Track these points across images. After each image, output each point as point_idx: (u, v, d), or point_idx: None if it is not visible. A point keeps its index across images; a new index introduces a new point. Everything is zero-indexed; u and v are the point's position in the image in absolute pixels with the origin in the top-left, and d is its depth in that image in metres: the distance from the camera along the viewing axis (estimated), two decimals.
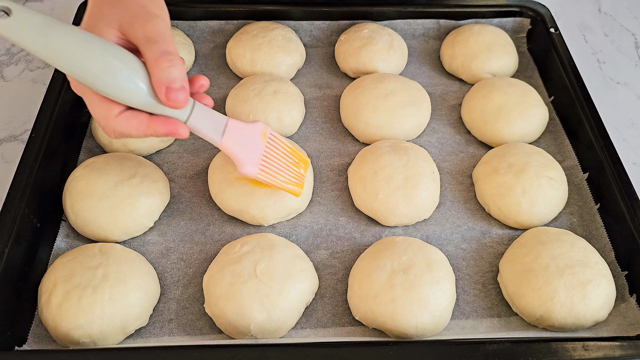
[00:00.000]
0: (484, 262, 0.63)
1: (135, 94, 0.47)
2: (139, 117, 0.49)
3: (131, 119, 0.49)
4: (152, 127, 0.50)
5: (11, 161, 0.73)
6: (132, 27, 0.48)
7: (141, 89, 0.47)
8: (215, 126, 0.53)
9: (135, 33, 0.48)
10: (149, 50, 0.47)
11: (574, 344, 0.51)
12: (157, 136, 0.51)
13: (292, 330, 0.57)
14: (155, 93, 0.48)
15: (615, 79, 0.89)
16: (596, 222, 0.65)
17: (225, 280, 0.55)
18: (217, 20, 0.85)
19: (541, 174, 0.65)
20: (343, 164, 0.71)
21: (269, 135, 0.57)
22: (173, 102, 0.48)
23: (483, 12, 0.87)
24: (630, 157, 0.77)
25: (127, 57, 0.47)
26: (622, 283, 0.60)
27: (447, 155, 0.73)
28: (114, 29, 0.49)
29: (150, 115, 0.50)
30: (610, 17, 1.01)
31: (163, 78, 0.47)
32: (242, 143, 0.54)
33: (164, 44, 0.48)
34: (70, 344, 0.53)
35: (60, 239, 0.63)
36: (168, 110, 0.49)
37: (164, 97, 0.47)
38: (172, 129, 0.50)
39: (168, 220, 0.65)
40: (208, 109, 0.53)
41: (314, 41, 0.87)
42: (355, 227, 0.65)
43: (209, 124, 0.52)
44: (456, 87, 0.83)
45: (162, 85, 0.47)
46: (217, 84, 0.81)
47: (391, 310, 0.54)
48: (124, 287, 0.54)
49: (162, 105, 0.49)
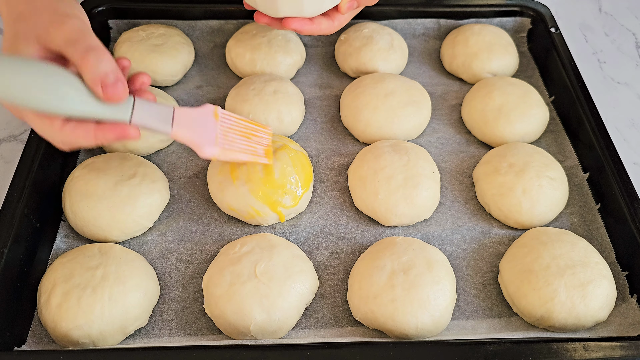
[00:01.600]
0: (484, 263, 0.63)
1: (70, 103, 0.46)
2: (84, 126, 0.48)
3: (76, 129, 0.48)
4: (99, 135, 0.49)
5: (10, 161, 0.73)
6: (49, 35, 0.47)
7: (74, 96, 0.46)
8: (163, 117, 0.51)
9: (54, 40, 0.47)
10: (72, 51, 0.46)
11: (575, 344, 0.50)
12: (108, 142, 0.50)
13: (292, 330, 0.57)
14: (92, 92, 0.46)
15: (615, 78, 0.89)
16: (597, 222, 0.65)
17: (225, 281, 0.55)
18: (216, 20, 0.85)
19: (542, 174, 0.65)
20: (343, 164, 0.71)
21: (221, 114, 0.56)
22: (112, 96, 0.46)
23: (483, 12, 0.87)
24: (630, 157, 0.77)
25: (54, 69, 0.46)
26: (623, 283, 0.60)
27: (448, 155, 0.73)
28: (33, 44, 0.47)
29: (97, 122, 0.49)
30: (610, 16, 1.01)
31: (95, 75, 0.45)
32: (195, 128, 0.53)
33: (85, 41, 0.47)
34: (70, 344, 0.53)
35: (60, 239, 0.62)
36: (109, 113, 0.48)
37: (101, 94, 0.46)
38: (121, 133, 0.49)
39: (167, 220, 0.65)
40: (151, 103, 0.51)
41: (314, 41, 0.87)
42: (355, 227, 0.65)
43: (155, 117, 0.51)
44: (456, 86, 0.82)
45: (97, 82, 0.46)
46: (217, 84, 0.81)
47: (391, 310, 0.54)
48: (123, 288, 0.54)
49: (103, 110, 0.47)
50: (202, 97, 0.79)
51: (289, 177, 0.62)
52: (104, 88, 0.46)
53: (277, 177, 0.62)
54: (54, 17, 0.48)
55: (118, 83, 0.46)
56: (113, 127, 0.49)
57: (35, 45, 0.48)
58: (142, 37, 0.79)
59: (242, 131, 0.58)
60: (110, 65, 0.47)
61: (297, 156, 0.65)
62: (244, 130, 0.58)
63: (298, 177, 0.63)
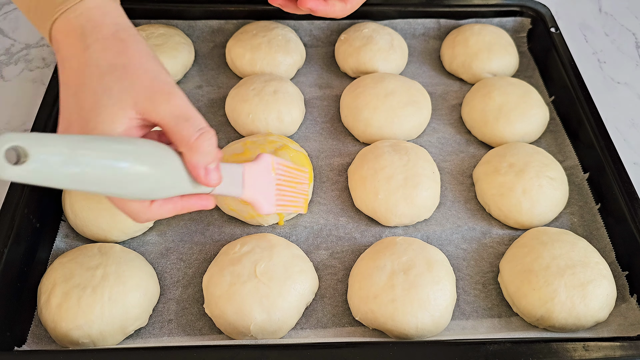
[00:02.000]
0: (484, 263, 0.63)
1: (174, 190, 0.45)
2: (172, 201, 0.46)
3: (164, 205, 0.46)
4: (185, 207, 0.47)
5: None
6: (154, 104, 0.42)
7: (178, 184, 0.44)
8: (234, 180, 0.51)
9: (159, 111, 0.42)
10: (182, 129, 0.42)
11: (575, 344, 0.50)
12: (189, 211, 0.48)
13: (292, 330, 0.57)
14: (191, 174, 0.44)
15: (615, 78, 0.89)
16: (597, 222, 0.65)
17: (225, 281, 0.55)
18: (216, 20, 0.85)
19: (542, 174, 0.65)
20: (343, 164, 0.71)
21: (277, 166, 0.56)
22: (210, 182, 0.45)
23: (483, 12, 0.87)
24: (631, 157, 0.77)
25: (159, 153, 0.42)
26: (623, 283, 0.60)
27: (448, 155, 0.73)
28: (129, 110, 0.42)
29: (181, 196, 0.47)
30: (610, 16, 1.01)
31: (202, 160, 0.43)
32: (259, 186, 0.53)
33: (197, 121, 0.43)
34: (70, 344, 0.53)
35: (60, 239, 0.62)
36: (197, 189, 0.46)
37: (203, 180, 0.44)
38: (205, 204, 0.48)
39: (168, 220, 0.65)
40: (225, 167, 0.49)
41: (314, 41, 0.87)
42: (355, 227, 0.65)
43: (229, 182, 0.50)
44: (456, 86, 0.82)
45: (201, 167, 0.43)
46: (216, 84, 0.81)
47: (391, 310, 0.54)
48: (123, 288, 0.54)
49: (193, 188, 0.46)
50: (202, 97, 0.79)
51: None
52: (207, 174, 0.44)
53: None
54: (159, 86, 0.43)
55: (217, 169, 0.45)
56: (197, 200, 0.48)
57: (130, 111, 0.42)
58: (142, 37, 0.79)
59: (290, 181, 0.58)
60: (217, 152, 0.45)
61: (297, 156, 0.65)
62: (292, 180, 0.58)
63: None
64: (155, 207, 0.45)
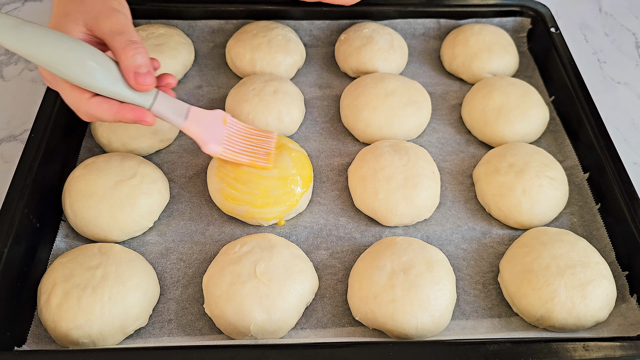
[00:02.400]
0: (484, 262, 0.63)
1: (105, 82, 0.52)
2: (109, 102, 0.54)
3: (102, 103, 0.53)
4: (121, 113, 0.54)
5: (10, 161, 0.73)
6: (97, 22, 0.53)
7: (110, 77, 0.52)
8: (178, 111, 0.58)
9: (100, 28, 0.53)
10: (115, 41, 0.53)
11: (575, 344, 0.50)
12: (125, 122, 0.55)
13: (292, 330, 0.57)
14: (125, 79, 0.53)
15: (615, 78, 0.89)
16: (597, 222, 0.65)
17: (225, 281, 0.55)
18: (216, 20, 0.85)
19: (542, 174, 0.65)
20: (343, 164, 0.71)
21: (229, 121, 0.61)
22: (141, 85, 0.53)
23: (483, 12, 0.87)
24: (631, 157, 0.77)
25: (95, 50, 0.52)
26: (623, 283, 0.60)
27: (448, 155, 0.73)
28: (80, 26, 0.54)
29: (120, 103, 0.54)
30: (610, 16, 1.01)
31: (131, 64, 0.52)
32: (204, 126, 0.59)
33: (128, 35, 0.53)
34: (70, 344, 0.53)
35: (60, 239, 0.62)
36: (134, 97, 0.54)
37: (133, 81, 0.52)
38: (139, 116, 0.54)
39: (168, 220, 0.65)
40: (170, 98, 0.58)
41: (314, 41, 0.87)
42: (355, 227, 0.65)
43: (172, 110, 0.57)
44: (456, 86, 0.82)
45: (131, 71, 0.52)
46: (216, 84, 0.81)
47: (391, 310, 0.54)
48: (123, 288, 0.54)
49: (129, 93, 0.53)
50: (202, 97, 0.79)
51: (289, 177, 0.62)
52: (136, 77, 0.52)
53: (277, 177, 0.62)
54: (104, 8, 0.54)
55: (149, 75, 0.53)
56: (133, 109, 0.54)
57: (82, 27, 0.54)
58: (142, 37, 0.79)
59: (247, 137, 0.62)
60: (145, 59, 0.53)
61: (297, 156, 0.65)
62: (248, 136, 0.62)
63: (298, 177, 0.63)
64: (94, 102, 0.53)
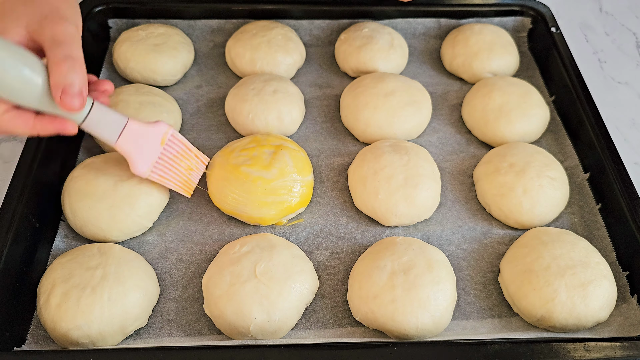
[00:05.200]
0: (484, 263, 0.63)
1: (28, 94, 0.47)
2: (24, 117, 0.49)
3: (16, 119, 0.49)
4: (37, 127, 0.50)
5: (10, 161, 0.73)
6: (40, 27, 0.49)
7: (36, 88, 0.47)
8: (113, 126, 0.55)
9: (42, 34, 0.49)
10: (52, 52, 0.48)
11: (575, 344, 0.50)
12: (45, 135, 0.51)
13: (291, 331, 0.57)
14: (52, 94, 0.48)
15: (616, 78, 0.89)
16: (597, 222, 0.65)
17: (224, 281, 0.55)
18: (216, 19, 0.85)
19: (542, 173, 0.65)
20: (343, 163, 0.71)
21: (169, 137, 0.58)
22: (66, 106, 0.48)
23: (484, 11, 0.87)
24: (631, 157, 0.77)
25: (24, 56, 0.47)
26: (624, 283, 0.60)
27: (448, 155, 0.73)
28: (21, 28, 0.49)
29: (36, 114, 0.50)
30: (611, 16, 1.01)
31: (61, 81, 0.47)
32: (138, 145, 0.56)
33: (68, 48, 0.48)
34: (69, 344, 0.53)
35: (59, 239, 0.62)
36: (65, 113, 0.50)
37: (57, 99, 0.48)
38: (60, 127, 0.51)
39: (167, 220, 0.65)
40: (107, 110, 0.54)
41: (314, 40, 0.87)
42: (355, 227, 0.65)
43: (106, 124, 0.54)
44: (457, 86, 0.82)
45: (59, 87, 0.47)
46: (216, 84, 0.81)
47: (391, 310, 0.54)
48: (123, 288, 0.54)
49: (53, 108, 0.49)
50: (201, 97, 0.79)
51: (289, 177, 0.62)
52: (63, 95, 0.47)
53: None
54: (52, 14, 0.50)
55: (77, 96, 0.48)
56: (52, 120, 0.50)
57: (21, 29, 0.49)
58: (141, 36, 0.79)
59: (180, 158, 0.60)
60: (79, 79, 0.48)
61: (297, 156, 0.65)
62: (181, 159, 0.60)
63: (298, 177, 0.63)
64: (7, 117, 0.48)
